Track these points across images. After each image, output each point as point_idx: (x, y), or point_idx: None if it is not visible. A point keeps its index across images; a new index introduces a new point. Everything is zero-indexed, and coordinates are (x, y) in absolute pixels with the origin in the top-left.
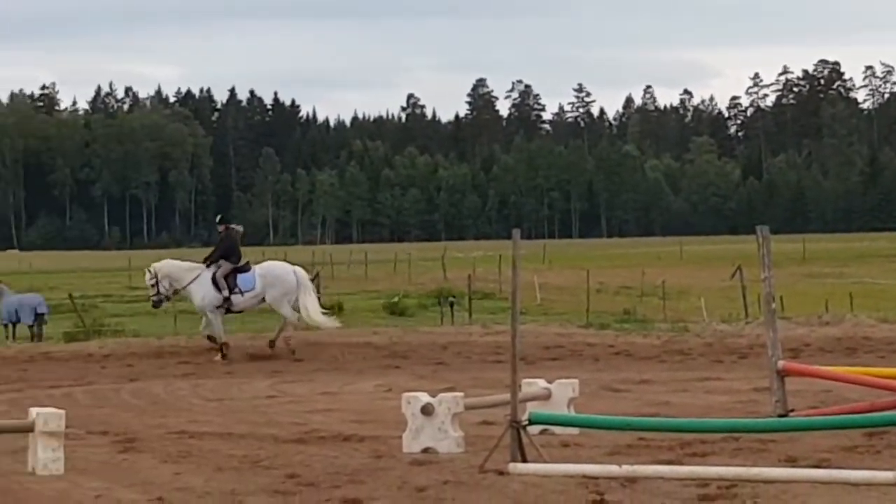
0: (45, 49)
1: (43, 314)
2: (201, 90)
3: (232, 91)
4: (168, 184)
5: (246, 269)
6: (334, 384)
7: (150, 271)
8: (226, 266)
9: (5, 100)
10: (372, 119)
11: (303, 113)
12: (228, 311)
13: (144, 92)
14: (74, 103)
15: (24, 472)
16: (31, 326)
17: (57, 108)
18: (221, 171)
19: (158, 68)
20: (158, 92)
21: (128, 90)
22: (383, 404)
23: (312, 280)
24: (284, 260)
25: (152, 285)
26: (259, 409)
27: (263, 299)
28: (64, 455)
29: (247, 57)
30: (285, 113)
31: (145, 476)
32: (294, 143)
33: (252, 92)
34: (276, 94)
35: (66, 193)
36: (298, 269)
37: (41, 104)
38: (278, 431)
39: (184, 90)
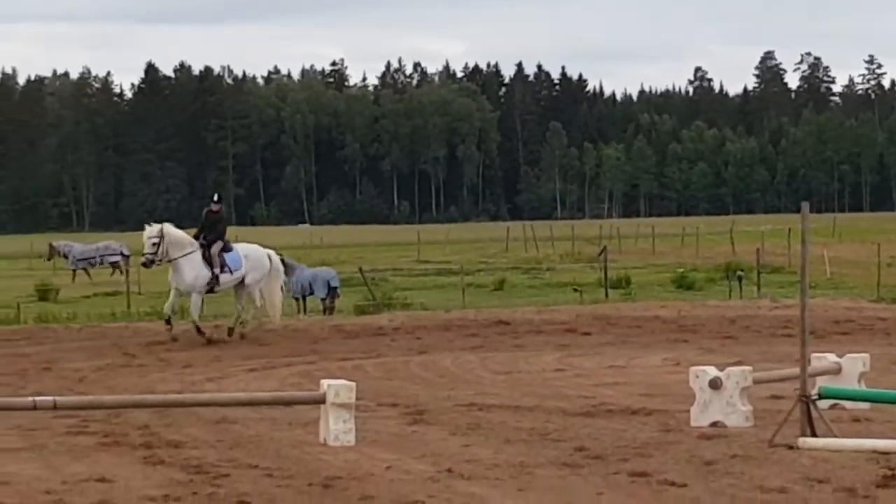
0: (334, 25)
1: (336, 288)
2: (488, 65)
3: (519, 66)
4: (456, 158)
5: (229, 248)
6: (622, 358)
7: (156, 228)
8: (218, 244)
9: (297, 76)
10: (659, 93)
11: (590, 87)
12: (210, 290)
13: (432, 67)
14: (364, 79)
15: (316, 443)
16: (323, 300)
17: (346, 83)
18: (508, 145)
19: (446, 43)
20: (446, 67)
21: (416, 65)
22: (671, 378)
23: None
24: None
25: (154, 244)
26: (547, 382)
27: (242, 281)
28: (355, 426)
29: (534, 31)
30: (572, 87)
31: (434, 448)
32: (581, 117)
33: (539, 66)
34: (563, 68)
35: (356, 168)
36: (272, 254)
37: (331, 80)
38: (566, 404)
39: (471, 65)
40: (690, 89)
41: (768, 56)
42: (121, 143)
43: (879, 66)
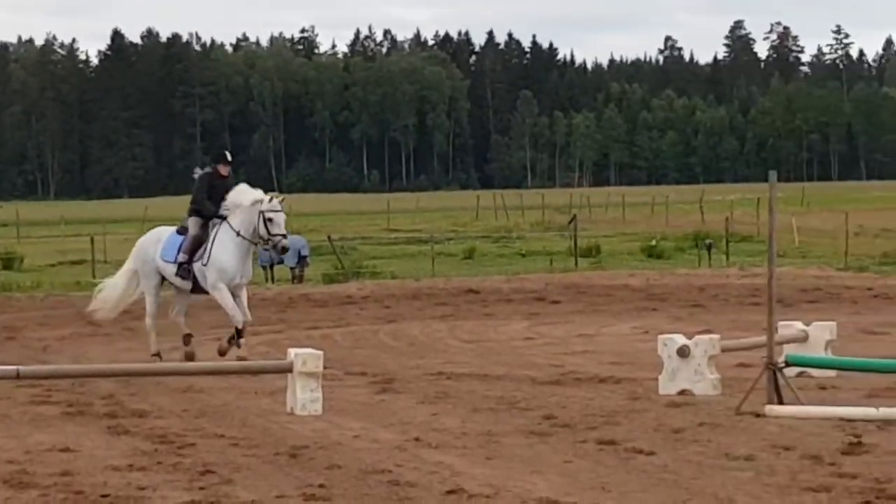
0: None
1: (305, 256)
2: (459, 33)
3: (490, 34)
4: (426, 127)
5: None
6: (591, 326)
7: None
8: None
9: (265, 43)
10: (629, 62)
11: (560, 55)
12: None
13: (402, 35)
14: (333, 46)
15: (283, 413)
16: (292, 268)
17: (316, 51)
18: (479, 113)
19: (416, 11)
20: (417, 35)
21: (386, 33)
22: (640, 346)
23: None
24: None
25: None
26: (516, 350)
27: None
28: (322, 395)
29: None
30: (543, 55)
31: (402, 416)
32: (551, 85)
33: (510, 34)
34: (534, 36)
35: (326, 136)
36: None
37: (300, 47)
38: (535, 373)
39: (441, 33)
40: (661, 58)
41: (738, 25)
42: (86, 111)
43: (847, 36)
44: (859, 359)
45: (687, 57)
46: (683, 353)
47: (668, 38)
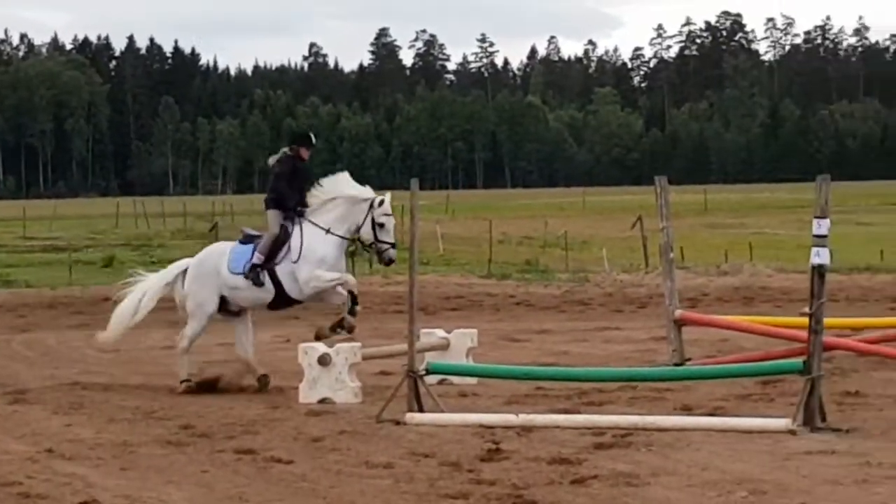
0: None
1: None
2: (99, 37)
3: (131, 39)
4: (64, 132)
5: None
6: (232, 335)
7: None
8: None
9: None
10: (274, 68)
11: (203, 61)
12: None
13: (40, 39)
14: None
15: None
16: None
17: None
18: (119, 119)
19: (54, 14)
20: (54, 39)
21: (23, 37)
22: (281, 355)
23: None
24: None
25: None
26: (155, 359)
27: None
28: None
29: (145, 2)
30: (185, 61)
31: (35, 427)
32: (194, 91)
33: (151, 40)
34: (175, 41)
35: None
36: None
37: None
38: (174, 382)
39: (80, 37)
40: (305, 65)
41: (383, 33)
42: None
43: (492, 45)
44: (500, 366)
45: (332, 64)
46: (324, 361)
47: (312, 45)
